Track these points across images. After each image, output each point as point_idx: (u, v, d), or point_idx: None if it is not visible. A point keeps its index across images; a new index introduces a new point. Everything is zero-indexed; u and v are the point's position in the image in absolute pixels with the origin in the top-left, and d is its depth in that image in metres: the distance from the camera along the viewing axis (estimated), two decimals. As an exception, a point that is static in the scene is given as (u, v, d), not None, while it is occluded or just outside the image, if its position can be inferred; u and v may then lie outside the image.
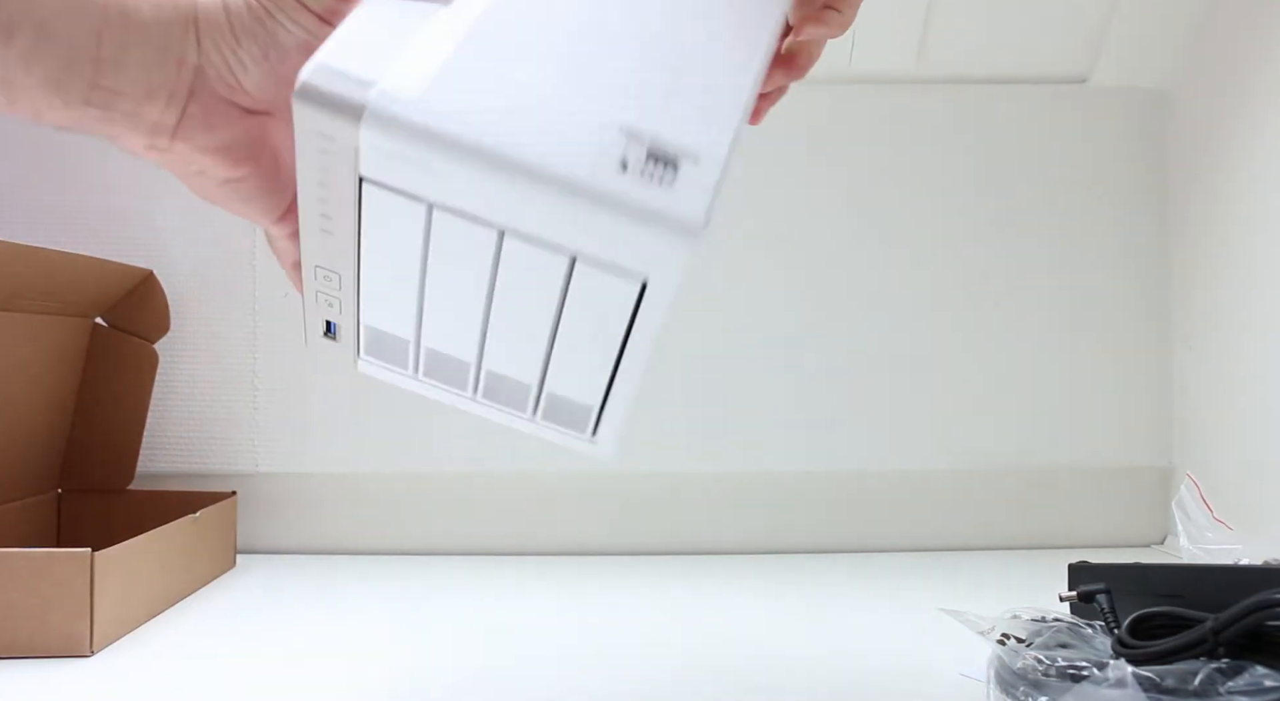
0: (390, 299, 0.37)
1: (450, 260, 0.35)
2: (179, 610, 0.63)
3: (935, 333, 0.82)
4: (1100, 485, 0.83)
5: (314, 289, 0.38)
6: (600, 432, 0.39)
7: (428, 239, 0.34)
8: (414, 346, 0.39)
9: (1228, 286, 0.76)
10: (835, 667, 0.51)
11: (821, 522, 0.81)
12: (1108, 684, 0.37)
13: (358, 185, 0.33)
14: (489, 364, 0.38)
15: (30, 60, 0.30)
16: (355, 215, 0.34)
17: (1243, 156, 0.73)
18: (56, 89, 0.30)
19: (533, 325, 0.36)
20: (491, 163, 0.32)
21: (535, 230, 0.33)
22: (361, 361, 0.40)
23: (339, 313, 0.39)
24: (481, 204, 0.33)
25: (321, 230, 0.36)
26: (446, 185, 0.33)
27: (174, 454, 0.81)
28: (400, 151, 0.32)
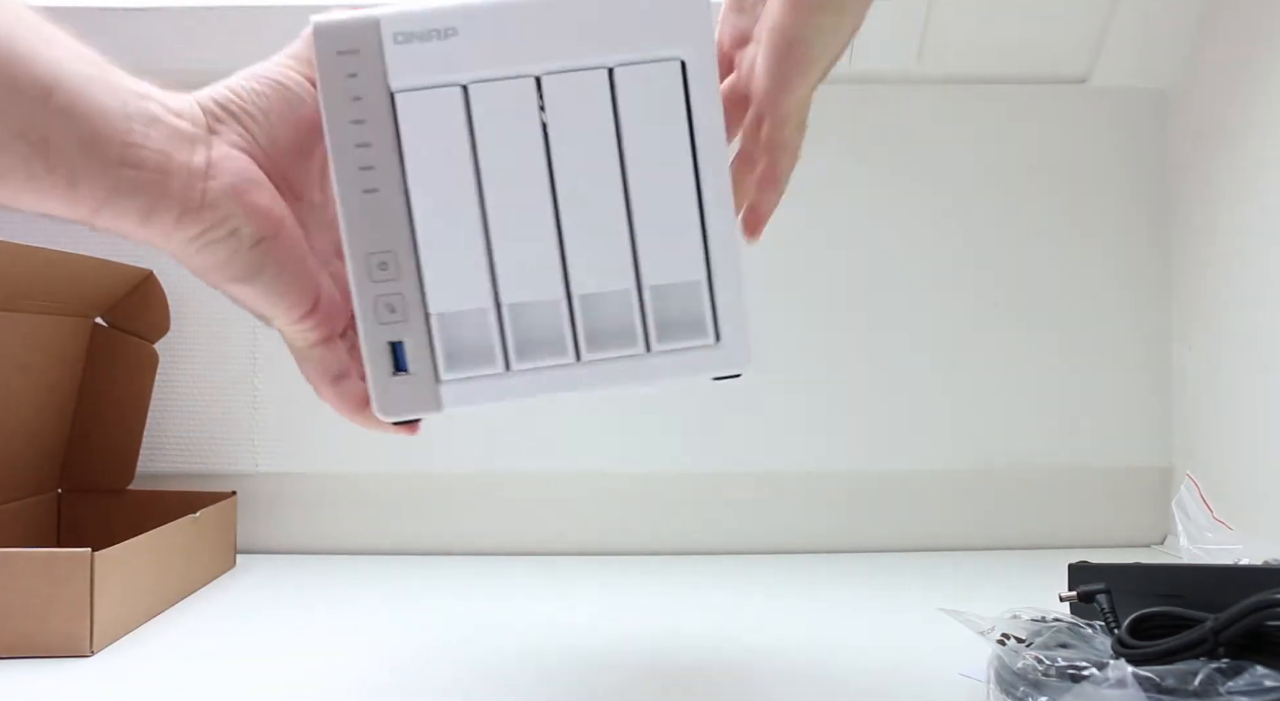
0: (454, 244, 0.35)
1: (500, 136, 0.35)
2: (179, 610, 0.63)
3: (934, 332, 0.82)
4: (1100, 485, 0.83)
5: (370, 300, 0.35)
6: (723, 334, 0.36)
7: (471, 125, 0.34)
8: (495, 317, 0.35)
9: (1228, 286, 0.76)
10: (835, 667, 0.51)
11: (821, 522, 0.81)
12: (1108, 684, 0.37)
13: (391, 104, 0.34)
14: (578, 286, 0.35)
15: (70, 116, 0.31)
16: (395, 139, 0.34)
17: (1243, 156, 0.73)
18: (92, 147, 0.31)
19: (602, 176, 0.35)
20: (512, 5, 0.34)
21: (566, 61, 0.34)
22: (444, 389, 0.35)
23: (403, 320, 0.35)
24: (510, 59, 0.34)
25: (364, 192, 0.34)
26: (473, 55, 0.34)
27: (174, 454, 0.81)
28: (425, 29, 0.34)
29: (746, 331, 0.36)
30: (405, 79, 0.34)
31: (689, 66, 0.35)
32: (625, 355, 0.36)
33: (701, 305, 0.36)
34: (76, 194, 0.32)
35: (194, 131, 0.34)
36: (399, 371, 0.35)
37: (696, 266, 0.36)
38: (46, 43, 0.31)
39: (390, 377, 0.35)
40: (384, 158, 0.34)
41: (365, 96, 0.34)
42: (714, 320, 0.36)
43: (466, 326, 0.35)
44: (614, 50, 0.34)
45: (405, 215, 0.35)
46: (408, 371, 0.35)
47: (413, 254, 0.35)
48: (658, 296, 0.36)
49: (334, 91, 0.34)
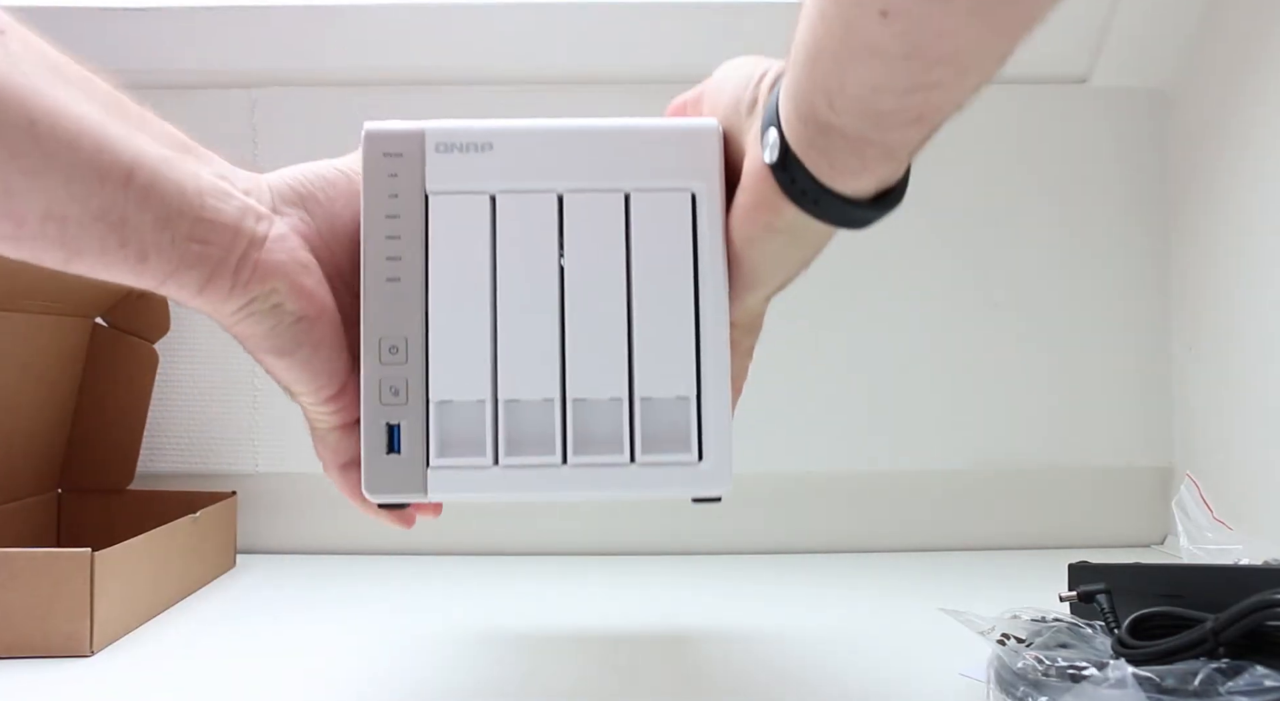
0: (462, 338, 0.37)
1: (518, 244, 0.38)
2: (179, 610, 0.63)
3: (934, 333, 0.82)
4: (1100, 485, 0.83)
5: (376, 381, 0.37)
6: (706, 454, 0.38)
7: (494, 231, 0.37)
8: (490, 410, 0.37)
9: (1228, 286, 0.76)
10: (835, 667, 0.51)
11: (821, 522, 0.81)
12: (1108, 684, 0.37)
13: (424, 204, 0.37)
14: (573, 389, 0.37)
15: (147, 197, 0.32)
16: (423, 236, 0.37)
17: (1243, 156, 0.73)
18: (166, 224, 0.33)
19: (608, 289, 0.37)
20: (544, 129, 0.38)
21: (588, 182, 0.38)
22: (432, 475, 0.37)
23: (404, 403, 0.37)
24: (537, 175, 0.38)
25: (387, 280, 0.37)
26: (504, 169, 0.38)
27: (174, 454, 0.81)
28: (464, 142, 0.38)
29: (729, 454, 0.38)
30: (440, 183, 0.38)
31: (698, 198, 0.38)
32: (609, 462, 0.37)
33: (689, 422, 0.38)
34: (145, 267, 0.33)
35: (260, 209, 0.36)
36: (392, 452, 0.37)
37: (687, 383, 0.38)
38: (132, 125, 0.33)
39: (383, 457, 0.37)
40: (410, 251, 0.37)
41: (402, 195, 0.38)
42: (699, 438, 0.38)
43: (462, 417, 0.37)
44: (632, 177, 0.38)
45: (422, 306, 0.37)
46: (400, 453, 0.37)
47: (423, 343, 0.37)
48: (647, 408, 0.38)
49: (375, 187, 0.38)
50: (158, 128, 0.35)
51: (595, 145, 0.38)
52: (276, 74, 0.81)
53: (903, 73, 0.28)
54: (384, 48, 0.80)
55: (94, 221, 0.31)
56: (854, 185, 0.33)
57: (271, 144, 0.82)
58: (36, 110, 0.30)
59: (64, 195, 0.31)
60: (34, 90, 0.30)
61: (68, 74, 0.32)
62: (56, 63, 0.32)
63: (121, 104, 0.34)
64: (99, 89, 0.33)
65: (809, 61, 0.30)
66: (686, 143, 0.38)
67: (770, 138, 0.34)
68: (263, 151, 0.82)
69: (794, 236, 0.36)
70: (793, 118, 0.32)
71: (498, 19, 0.78)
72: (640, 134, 0.38)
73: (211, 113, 0.82)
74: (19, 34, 0.31)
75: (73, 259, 0.32)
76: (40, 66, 0.31)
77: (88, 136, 0.31)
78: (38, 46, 0.32)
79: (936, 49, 0.27)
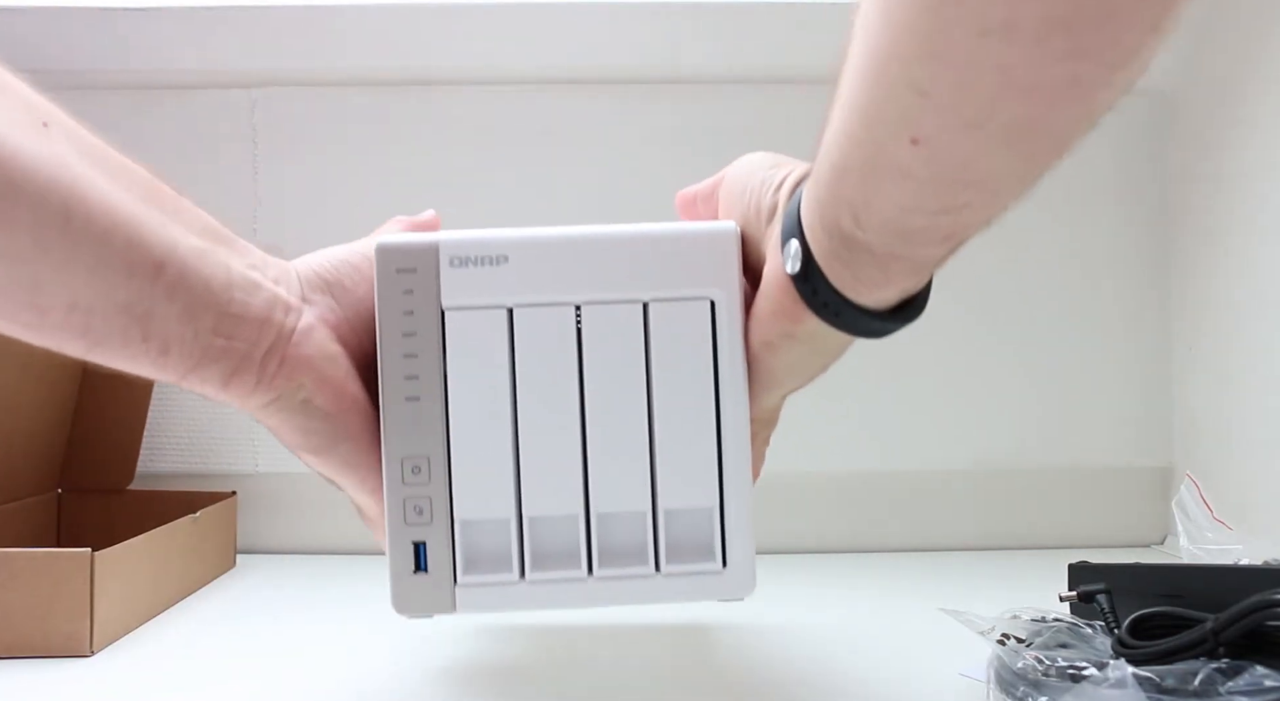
0: (484, 456, 0.37)
1: (537, 357, 0.37)
2: (179, 610, 0.63)
3: (934, 332, 0.82)
4: (1100, 485, 0.83)
5: (400, 501, 0.37)
6: (730, 561, 0.38)
7: (512, 345, 0.37)
8: (516, 528, 0.37)
9: (1228, 286, 0.76)
10: (835, 667, 0.51)
11: (820, 522, 0.81)
12: (1108, 684, 0.37)
13: (440, 320, 0.37)
14: (597, 503, 0.37)
15: (174, 291, 0.32)
16: (441, 353, 0.37)
17: (1243, 157, 0.73)
18: (191, 318, 0.33)
19: (628, 401, 0.37)
20: (560, 238, 0.37)
21: (605, 292, 0.37)
22: (460, 592, 0.37)
23: (429, 522, 0.37)
24: (554, 287, 0.37)
25: (406, 399, 0.37)
26: (520, 281, 0.37)
27: (174, 454, 0.81)
28: (479, 256, 0.37)
29: (752, 558, 0.38)
30: (456, 298, 0.37)
31: (717, 305, 0.38)
32: (635, 574, 0.38)
33: (712, 531, 0.38)
34: (167, 360, 0.33)
35: (289, 300, 0.36)
36: (419, 570, 0.37)
37: (710, 494, 0.38)
38: (168, 214, 0.33)
39: (410, 576, 0.37)
40: (429, 369, 0.37)
41: (418, 311, 0.37)
42: (722, 546, 0.38)
43: (487, 534, 0.37)
44: (650, 286, 0.37)
45: (443, 425, 0.37)
46: (427, 571, 0.37)
47: (445, 462, 0.37)
48: (671, 520, 0.38)
49: (390, 305, 0.37)
50: (193, 216, 0.34)
51: (612, 253, 0.37)
52: (276, 74, 0.81)
53: (932, 195, 0.27)
54: (384, 47, 0.80)
55: (118, 314, 0.31)
56: (876, 297, 0.33)
57: (271, 144, 0.82)
58: (73, 205, 0.29)
59: (90, 289, 0.30)
60: (73, 184, 0.29)
61: (108, 164, 0.32)
62: (98, 153, 0.32)
63: (158, 193, 0.33)
64: (137, 177, 0.33)
65: (835, 178, 0.30)
66: (704, 248, 0.38)
67: (792, 248, 0.33)
68: (263, 151, 0.82)
69: (813, 344, 0.36)
70: (817, 230, 0.32)
71: (498, 19, 0.78)
72: (657, 240, 0.38)
73: (211, 113, 0.82)
74: (64, 126, 0.31)
75: (94, 349, 0.32)
76: (82, 158, 0.30)
77: (120, 230, 0.31)
78: (81, 137, 0.31)
79: (967, 175, 0.26)
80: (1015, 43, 0.22)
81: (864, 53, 0.26)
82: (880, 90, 0.26)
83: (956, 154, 0.26)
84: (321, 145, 0.82)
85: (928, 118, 0.25)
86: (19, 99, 0.30)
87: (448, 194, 0.82)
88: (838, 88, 0.29)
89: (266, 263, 0.37)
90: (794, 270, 0.33)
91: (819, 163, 0.31)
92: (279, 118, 0.82)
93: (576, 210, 0.82)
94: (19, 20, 0.77)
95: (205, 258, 0.33)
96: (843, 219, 0.30)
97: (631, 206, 0.82)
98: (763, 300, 0.36)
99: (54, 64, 0.79)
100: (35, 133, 0.29)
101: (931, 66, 0.24)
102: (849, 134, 0.28)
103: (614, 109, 0.82)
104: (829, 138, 0.29)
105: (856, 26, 0.27)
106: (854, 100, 0.27)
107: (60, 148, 0.30)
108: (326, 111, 0.81)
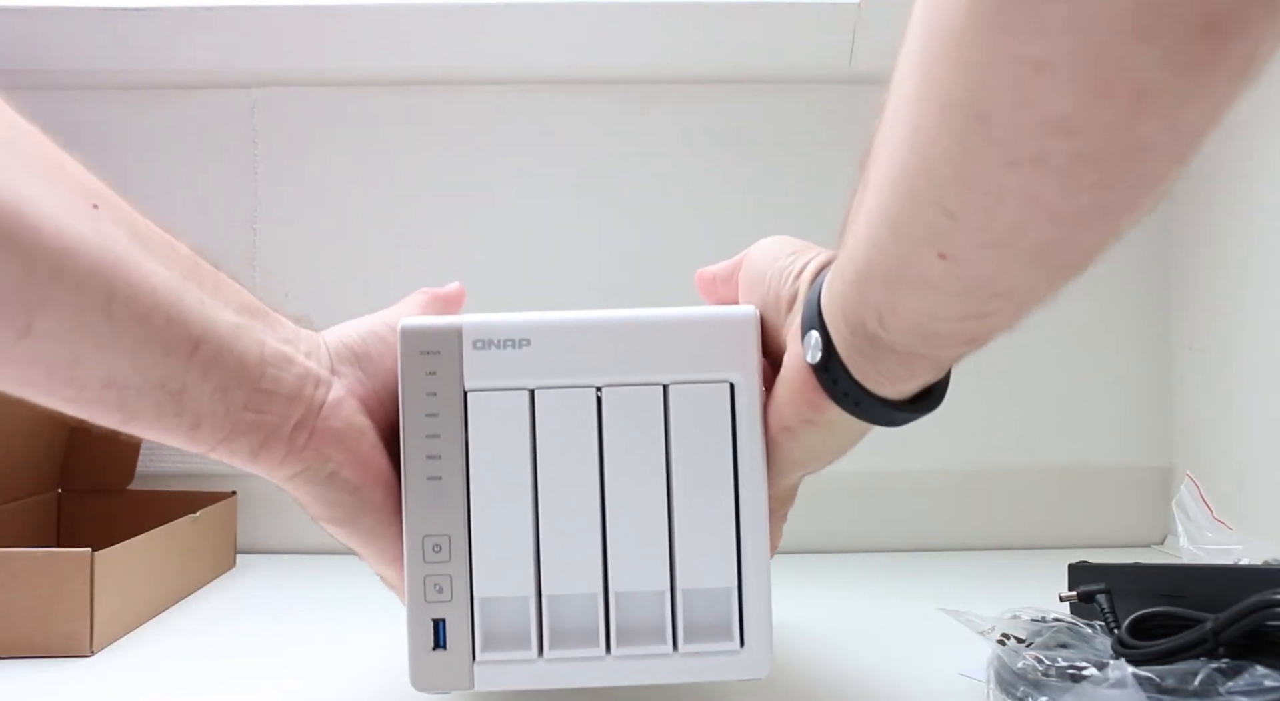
0: (504, 535, 0.37)
1: (558, 439, 0.38)
2: (179, 610, 0.63)
3: (935, 333, 0.82)
4: (1100, 485, 0.83)
5: (420, 578, 0.38)
6: (748, 641, 0.38)
7: (534, 427, 0.38)
8: (534, 606, 0.38)
9: (1228, 287, 0.76)
10: (834, 667, 0.51)
11: (820, 522, 0.81)
12: (1108, 684, 0.37)
13: (463, 401, 0.38)
14: (616, 582, 0.38)
15: (209, 368, 0.33)
16: (463, 434, 0.37)
17: (1243, 157, 0.73)
18: (224, 394, 0.33)
19: (648, 481, 0.38)
20: (581, 322, 0.38)
21: (626, 375, 0.38)
22: (478, 669, 0.38)
23: (449, 599, 0.38)
24: (575, 370, 0.38)
25: (428, 479, 0.37)
26: (541, 364, 0.38)
27: (174, 454, 0.81)
28: (501, 339, 0.38)
29: (769, 638, 0.38)
30: (478, 380, 0.38)
31: (737, 388, 0.38)
32: (652, 652, 0.38)
33: (730, 611, 0.38)
34: (199, 433, 0.34)
35: (319, 373, 0.37)
36: (438, 647, 0.38)
37: (729, 575, 0.38)
38: (206, 291, 0.33)
39: (429, 653, 0.38)
40: (451, 449, 0.38)
41: (441, 393, 0.38)
42: (740, 626, 0.38)
43: (506, 612, 0.38)
44: (670, 369, 0.38)
45: (464, 504, 0.38)
46: (446, 648, 0.38)
47: (466, 540, 0.38)
48: (689, 599, 0.38)
49: (414, 385, 0.38)
50: (231, 292, 0.35)
51: (632, 337, 0.38)
52: (276, 74, 0.81)
53: (959, 305, 0.27)
54: (384, 48, 0.80)
55: (153, 389, 0.32)
56: (897, 390, 0.33)
57: (271, 144, 0.82)
58: (117, 285, 0.30)
59: (128, 366, 0.31)
60: (116, 265, 0.30)
61: (151, 242, 0.32)
62: (142, 231, 0.32)
63: (198, 269, 0.34)
64: (178, 255, 0.33)
65: (859, 281, 0.30)
66: (725, 333, 0.38)
67: (812, 339, 0.34)
68: (263, 152, 0.82)
69: (832, 431, 0.37)
70: (840, 325, 0.32)
71: (498, 19, 0.78)
72: (678, 325, 0.38)
73: (211, 113, 0.82)
74: (113, 207, 0.31)
75: (128, 422, 0.33)
76: (129, 239, 0.31)
77: (160, 310, 0.31)
78: (128, 216, 0.32)
79: (993, 287, 0.26)
80: (1045, 175, 0.22)
81: (892, 164, 0.26)
82: (908, 206, 0.26)
83: (985, 270, 0.26)
84: (321, 145, 0.82)
85: (956, 237, 0.25)
86: (72, 180, 0.30)
87: (447, 194, 0.82)
88: (864, 186, 0.29)
89: (299, 336, 0.37)
90: (815, 360, 0.34)
91: (843, 262, 0.31)
92: (279, 118, 0.82)
93: (576, 210, 0.82)
94: (19, 20, 0.77)
95: (240, 334, 0.34)
96: (867, 319, 0.30)
97: (631, 206, 0.82)
98: (783, 387, 0.37)
99: (54, 64, 0.79)
100: (85, 214, 0.29)
101: (959, 190, 0.24)
102: (876, 242, 0.28)
103: (614, 109, 0.82)
104: (855, 241, 0.30)
105: (884, 128, 0.27)
106: (882, 210, 0.27)
107: (108, 228, 0.30)
108: (326, 111, 0.81)
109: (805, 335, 0.34)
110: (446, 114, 0.82)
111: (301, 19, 0.79)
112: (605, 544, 0.38)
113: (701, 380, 0.38)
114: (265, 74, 0.81)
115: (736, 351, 0.38)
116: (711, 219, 0.82)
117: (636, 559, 0.38)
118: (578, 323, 0.38)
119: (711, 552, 0.38)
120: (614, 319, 0.38)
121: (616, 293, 0.81)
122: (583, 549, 0.37)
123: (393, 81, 0.81)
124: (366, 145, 0.81)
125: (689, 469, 0.38)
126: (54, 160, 0.30)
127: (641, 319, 0.38)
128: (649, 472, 0.38)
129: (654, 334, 0.38)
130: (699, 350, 0.38)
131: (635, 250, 0.82)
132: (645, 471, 0.38)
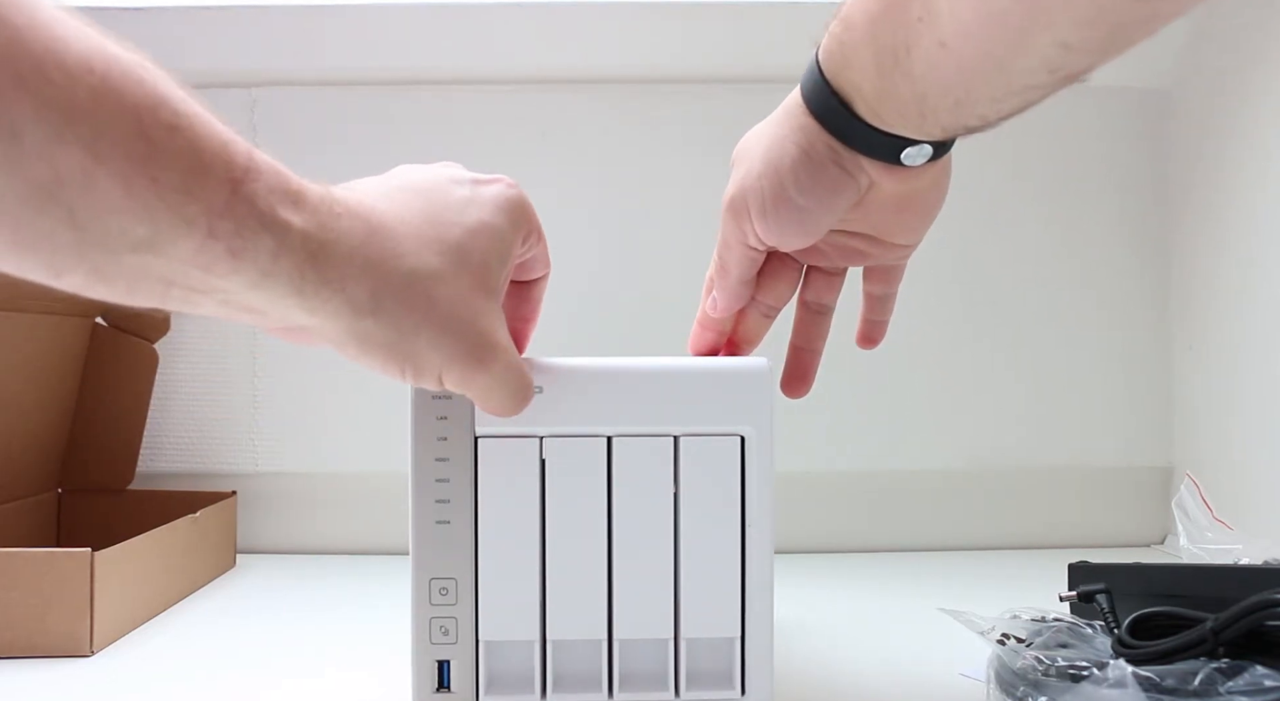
0: (511, 580, 0.38)
1: (567, 486, 0.38)
2: (179, 610, 0.63)
3: (934, 332, 0.82)
4: (1100, 485, 0.83)
5: (426, 620, 0.38)
6: (749, 689, 0.39)
7: (543, 473, 0.38)
8: (539, 651, 0.38)
9: (1228, 286, 0.76)
10: (834, 667, 0.51)
11: (821, 522, 0.81)
12: (1108, 684, 0.37)
13: (474, 447, 0.38)
14: (620, 629, 0.38)
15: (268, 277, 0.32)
16: (472, 479, 0.38)
17: (1243, 156, 0.73)
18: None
19: (655, 532, 0.38)
20: (594, 370, 0.38)
21: (637, 426, 0.38)
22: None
23: (454, 642, 0.38)
24: (586, 418, 0.38)
25: (437, 523, 0.38)
26: (553, 411, 0.37)
27: (174, 454, 0.81)
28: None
29: (770, 685, 0.39)
30: (489, 426, 0.38)
31: (747, 441, 0.38)
32: (655, 699, 0.38)
33: (733, 660, 0.39)
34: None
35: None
36: (442, 688, 0.38)
37: (733, 625, 0.38)
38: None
39: (433, 694, 0.38)
40: (460, 493, 0.38)
41: (451, 438, 0.38)
42: (742, 675, 0.39)
43: (511, 655, 0.38)
44: (681, 420, 0.38)
45: (471, 548, 0.38)
46: (450, 690, 0.38)
47: (472, 584, 0.38)
48: (693, 648, 0.38)
49: (424, 430, 0.38)
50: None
51: (644, 387, 0.38)
52: (276, 74, 0.81)
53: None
54: (384, 48, 0.80)
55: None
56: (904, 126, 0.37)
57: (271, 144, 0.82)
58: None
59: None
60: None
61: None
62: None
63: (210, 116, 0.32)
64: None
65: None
66: (737, 385, 0.38)
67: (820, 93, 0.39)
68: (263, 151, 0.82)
69: (846, 172, 0.39)
70: (856, 69, 0.36)
71: (499, 19, 0.78)
72: (689, 376, 0.38)
73: (211, 113, 0.82)
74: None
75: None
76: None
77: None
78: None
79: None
80: None
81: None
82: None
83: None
84: (321, 145, 0.82)
85: None
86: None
87: (448, 194, 0.82)
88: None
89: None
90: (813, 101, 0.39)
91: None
92: (279, 118, 0.82)
93: (576, 210, 0.82)
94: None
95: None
96: (903, 35, 0.33)
97: (631, 206, 0.82)
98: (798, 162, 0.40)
99: (54, 64, 0.79)
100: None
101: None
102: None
103: (614, 109, 0.82)
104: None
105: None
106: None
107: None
108: (326, 111, 0.81)
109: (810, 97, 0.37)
110: (446, 114, 0.82)
111: (301, 19, 0.79)
112: (611, 591, 0.38)
113: (713, 433, 0.38)
114: (265, 74, 0.81)
115: (749, 404, 0.38)
116: (711, 219, 0.82)
117: (641, 607, 0.38)
118: (589, 370, 0.38)
119: (716, 603, 0.38)
120: (626, 368, 0.38)
121: (616, 292, 0.81)
122: (588, 596, 0.38)
123: (393, 81, 0.81)
124: (366, 145, 0.81)
125: (697, 520, 0.38)
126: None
127: (654, 368, 0.38)
128: (657, 522, 0.38)
129: (666, 384, 0.38)
130: (711, 401, 0.38)
131: (635, 250, 0.82)
132: (653, 521, 0.38)
